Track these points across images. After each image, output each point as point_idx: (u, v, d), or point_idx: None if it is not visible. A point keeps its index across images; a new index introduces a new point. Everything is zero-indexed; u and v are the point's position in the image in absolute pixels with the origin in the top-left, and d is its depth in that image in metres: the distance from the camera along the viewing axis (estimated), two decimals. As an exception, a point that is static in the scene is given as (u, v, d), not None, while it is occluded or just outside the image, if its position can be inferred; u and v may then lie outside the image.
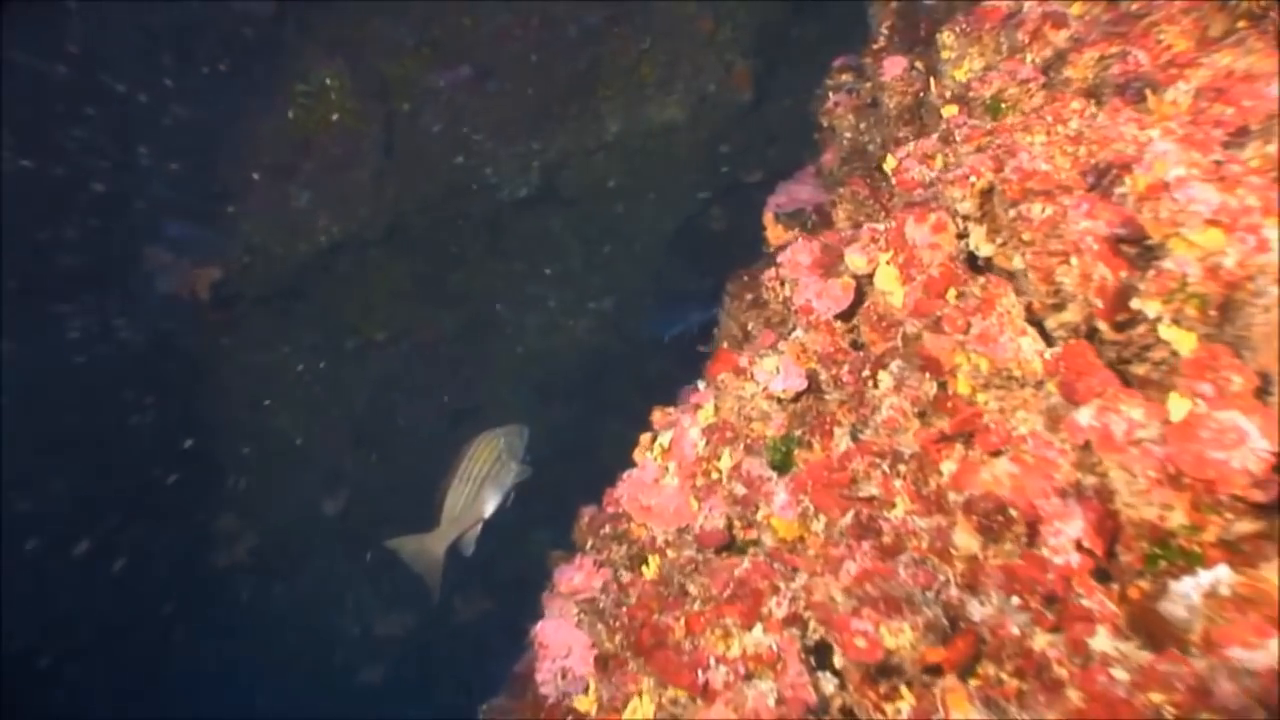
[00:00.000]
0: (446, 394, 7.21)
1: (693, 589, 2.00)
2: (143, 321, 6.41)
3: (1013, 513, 1.56)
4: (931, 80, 3.03)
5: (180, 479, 6.38)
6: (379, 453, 7.20)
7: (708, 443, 2.54)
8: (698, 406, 2.66)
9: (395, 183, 6.43)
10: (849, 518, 1.79)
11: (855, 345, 2.36)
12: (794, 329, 2.51)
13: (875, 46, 3.57)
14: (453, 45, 6.04)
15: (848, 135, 3.63)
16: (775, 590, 1.81)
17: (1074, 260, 1.83)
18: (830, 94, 3.66)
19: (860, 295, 2.46)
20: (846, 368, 2.30)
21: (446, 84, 6.14)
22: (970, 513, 1.60)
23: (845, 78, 3.69)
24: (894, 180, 2.56)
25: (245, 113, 6.00)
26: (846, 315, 2.46)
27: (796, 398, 2.49)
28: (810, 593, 1.71)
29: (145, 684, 6.69)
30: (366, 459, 7.16)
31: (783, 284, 2.66)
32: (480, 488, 3.22)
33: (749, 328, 3.26)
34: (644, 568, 2.21)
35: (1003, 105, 2.59)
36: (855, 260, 2.37)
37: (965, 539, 1.61)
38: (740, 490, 2.21)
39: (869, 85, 3.40)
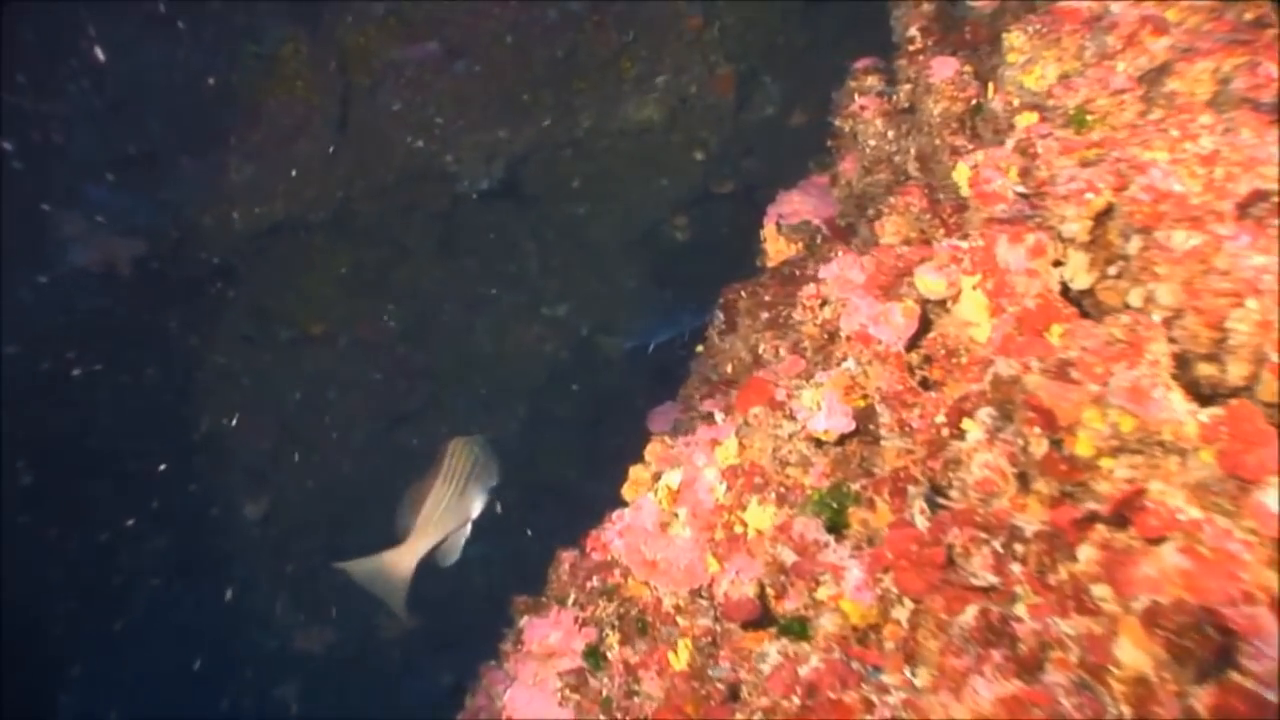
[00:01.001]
0: (385, 396, 6.67)
1: (746, 692, 1.57)
2: (52, 297, 5.75)
3: (1208, 629, 1.18)
4: (991, 85, 2.68)
5: (82, 473, 5.75)
6: (309, 455, 6.63)
7: (729, 489, 2.13)
8: (715, 443, 2.25)
9: (346, 163, 5.89)
10: (970, 614, 1.38)
11: (924, 384, 1.97)
12: (843, 359, 2.11)
13: (912, 48, 3.21)
14: (421, 18, 5.54)
15: (872, 143, 3.25)
16: (869, 706, 1.40)
17: (1252, 303, 1.46)
18: (855, 96, 3.29)
19: (925, 324, 2.08)
20: (917, 412, 1.91)
21: (411, 60, 5.63)
22: (1153, 623, 1.21)
23: (872, 80, 3.32)
24: (970, 192, 2.18)
25: (185, 68, 5.41)
26: (907, 347, 2.08)
27: (841, 441, 2.10)
28: (924, 715, 1.30)
29: (30, 699, 6.01)
30: (294, 461, 6.58)
31: (824, 304, 2.27)
32: (464, 487, 2.89)
33: (760, 350, 2.86)
34: (672, 655, 1.77)
35: (1088, 117, 2.24)
36: (930, 282, 1.98)
37: (1133, 655, 1.23)
38: (788, 556, 1.79)
39: (908, 88, 3.04)
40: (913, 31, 3.48)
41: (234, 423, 6.20)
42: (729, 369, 2.98)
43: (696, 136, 6.80)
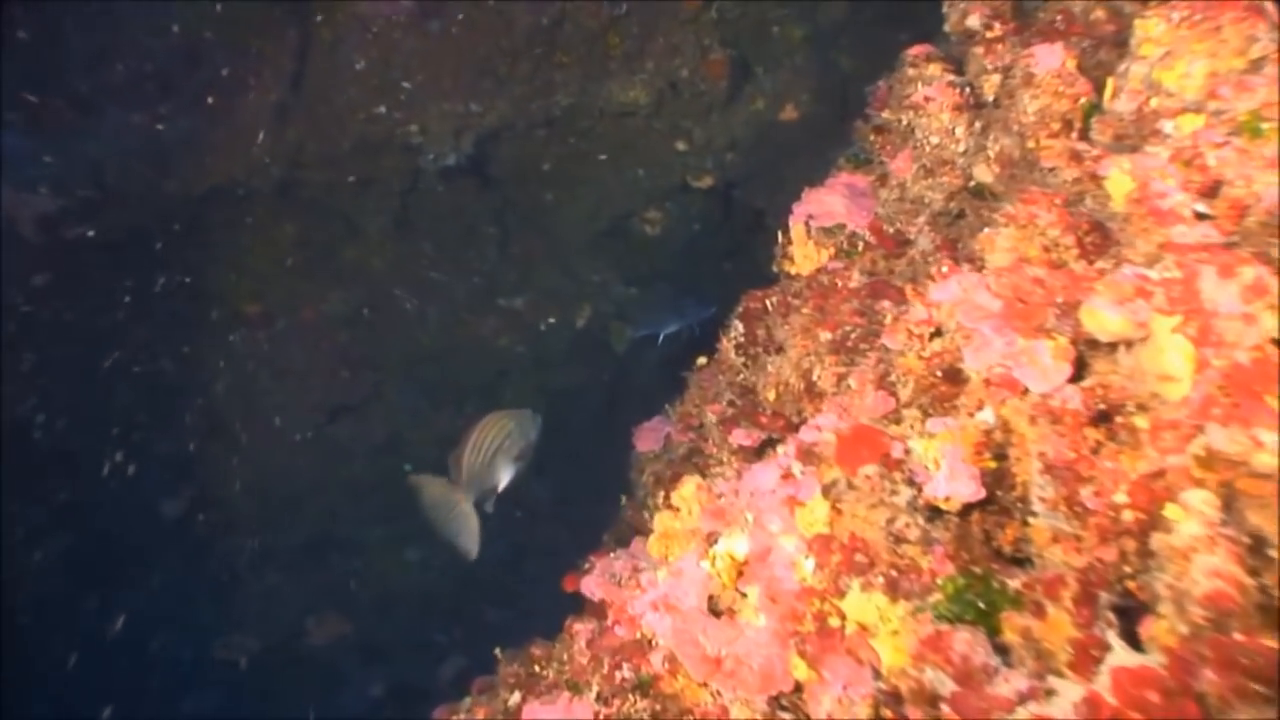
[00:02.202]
0: (324, 385, 6.05)
1: None
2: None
3: None
4: (1110, 83, 2.26)
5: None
6: (235, 448, 5.97)
7: (819, 566, 1.67)
8: (794, 502, 1.78)
9: (298, 124, 5.26)
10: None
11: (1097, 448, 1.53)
12: (976, 408, 1.66)
13: (990, 35, 2.78)
14: (396, -33, 4.96)
15: (934, 140, 2.82)
16: None
17: None
18: (919, 86, 2.85)
19: (1080, 367, 1.65)
20: (1092, 490, 1.47)
21: (380, 14, 5.02)
22: None
23: (934, 69, 2.88)
24: (1132, 209, 1.75)
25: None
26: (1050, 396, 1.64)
27: (965, 511, 1.65)
28: None
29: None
30: (219, 454, 5.93)
31: (938, 334, 1.82)
32: (493, 458, 3.06)
33: (815, 377, 2.40)
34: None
35: (1263, 125, 1.83)
36: (1107, 320, 1.54)
37: None
38: (945, 684, 1.33)
39: (995, 79, 2.60)
40: (973, 20, 3.06)
41: (153, 410, 5.52)
42: (770, 394, 2.51)
43: (681, 125, 6.33)
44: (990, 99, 2.60)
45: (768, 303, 3.07)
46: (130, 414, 5.60)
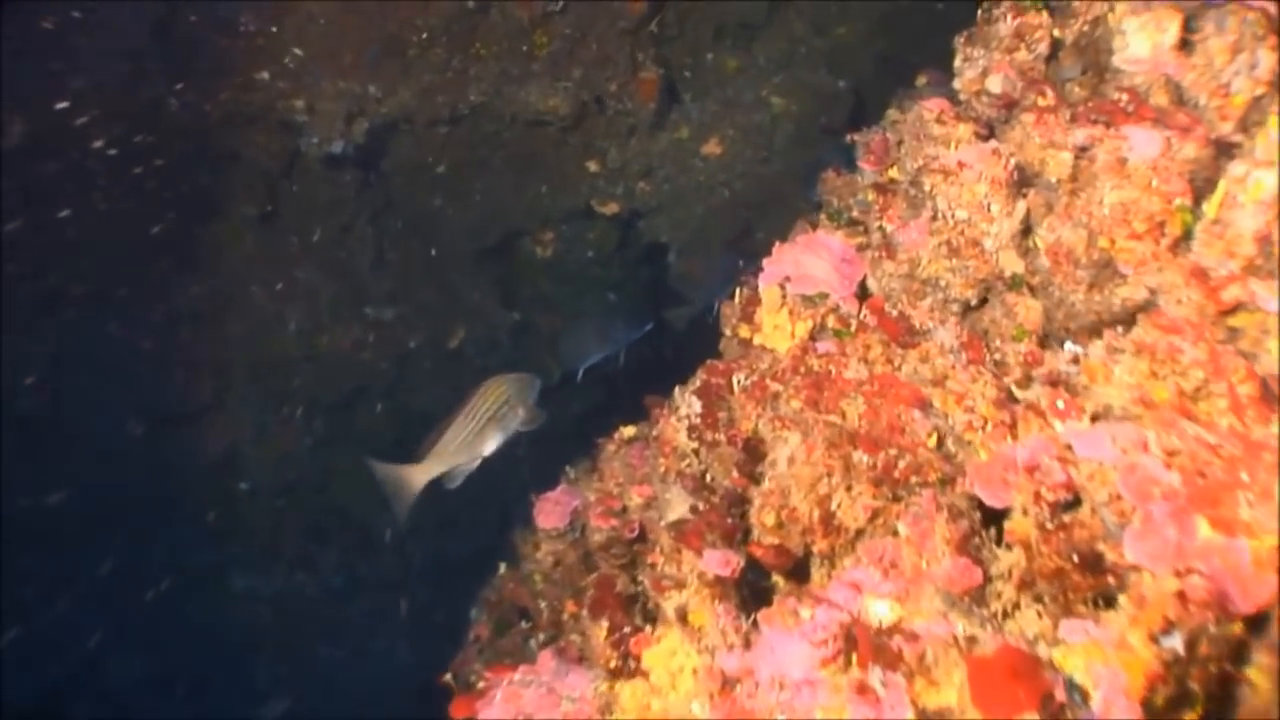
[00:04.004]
0: (155, 389, 5.15)
1: None
2: None
3: None
4: (1223, 186, 1.85)
5: None
6: (39, 457, 5.01)
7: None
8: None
9: (159, 84, 4.40)
10: None
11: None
12: (1167, 628, 1.17)
13: (1042, 103, 2.35)
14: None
15: (962, 213, 2.36)
16: None
17: None
18: (951, 149, 2.39)
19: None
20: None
21: (276, -34, 4.29)
22: None
23: (964, 130, 2.44)
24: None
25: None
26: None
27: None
28: None
29: None
30: (18, 465, 4.95)
31: (1077, 503, 1.33)
32: (484, 426, 3.18)
33: (835, 508, 1.87)
34: None
35: None
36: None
37: None
38: None
39: (1064, 157, 2.15)
40: (995, 82, 2.67)
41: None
42: (767, 519, 1.96)
43: (597, 145, 5.78)
44: (1051, 179, 2.17)
45: (735, 382, 2.57)
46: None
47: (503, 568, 3.37)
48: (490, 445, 3.19)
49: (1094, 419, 1.47)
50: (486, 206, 6.04)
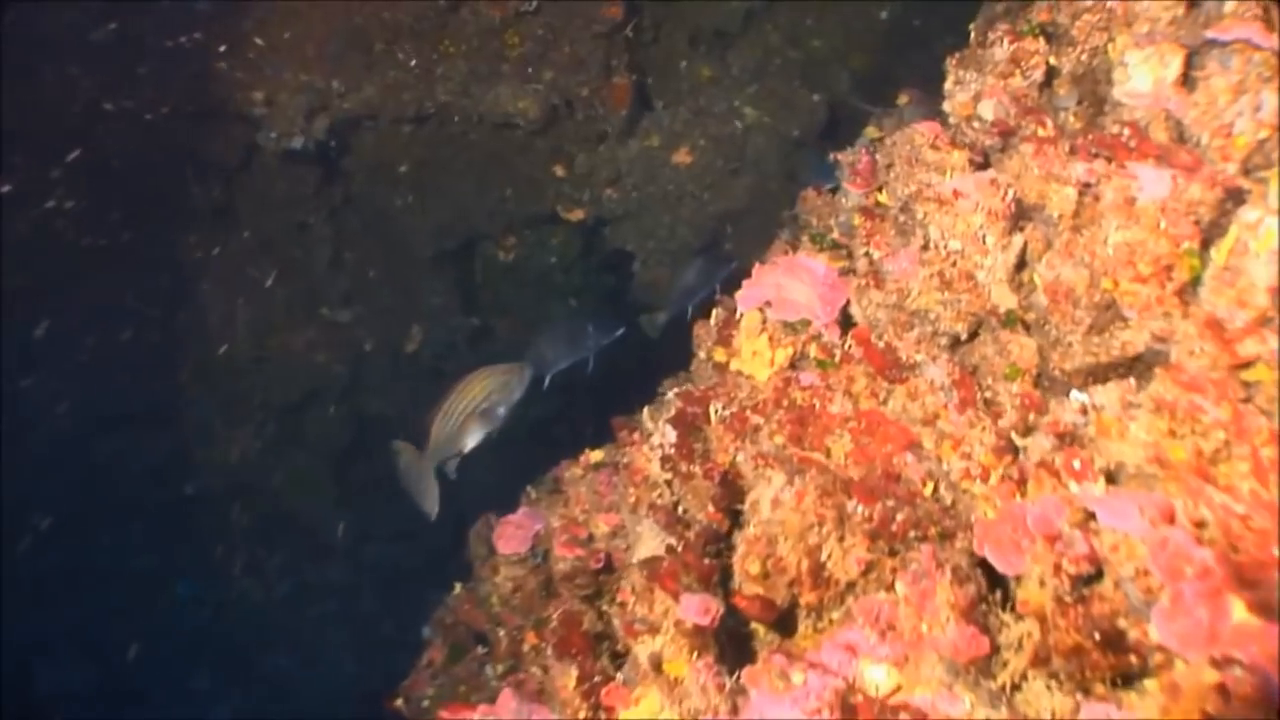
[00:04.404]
0: (98, 391, 4.93)
1: None
2: None
3: None
4: (1234, 231, 1.78)
5: None
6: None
7: None
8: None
9: (106, 67, 4.18)
10: None
11: None
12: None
13: (1042, 134, 2.27)
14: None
15: (955, 244, 2.26)
16: None
17: None
18: (947, 176, 2.31)
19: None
20: None
21: (238, -47, 4.10)
22: None
23: (959, 158, 2.36)
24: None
25: None
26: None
27: None
28: None
29: None
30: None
31: (1098, 576, 1.24)
32: (464, 422, 3.23)
33: (825, 558, 1.76)
34: None
35: None
36: None
37: None
38: None
39: (1068, 192, 2.07)
40: (988, 108, 2.58)
41: None
42: (751, 567, 1.85)
43: (565, 149, 5.66)
44: (1051, 214, 2.09)
45: (712, 411, 2.45)
46: None
47: (458, 588, 3.23)
48: (471, 440, 3.23)
49: (1108, 478, 1.39)
50: (449, 208, 5.90)
